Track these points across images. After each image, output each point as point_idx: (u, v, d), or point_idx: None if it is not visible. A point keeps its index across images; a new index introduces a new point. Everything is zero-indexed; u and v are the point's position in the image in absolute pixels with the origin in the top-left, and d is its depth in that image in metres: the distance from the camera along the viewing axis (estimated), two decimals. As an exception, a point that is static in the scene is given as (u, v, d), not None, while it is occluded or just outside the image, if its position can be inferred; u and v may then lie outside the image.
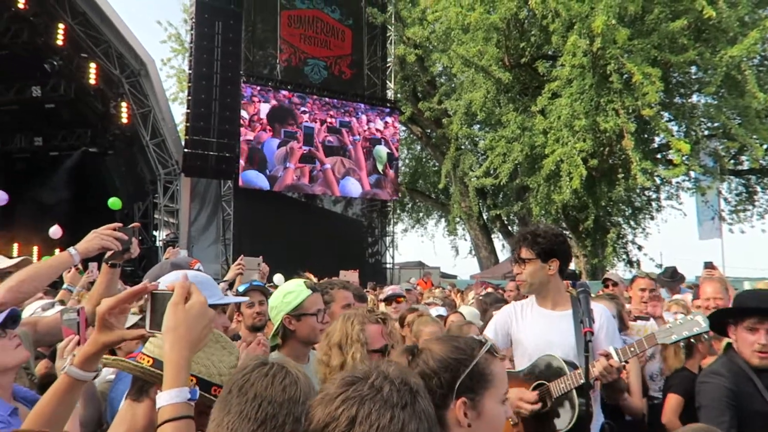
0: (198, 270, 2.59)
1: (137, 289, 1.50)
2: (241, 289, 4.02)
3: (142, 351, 1.58)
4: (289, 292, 2.76)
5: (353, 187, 19.07)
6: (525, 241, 2.98)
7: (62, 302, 3.72)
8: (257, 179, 17.30)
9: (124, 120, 18.38)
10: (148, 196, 19.95)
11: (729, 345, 2.88)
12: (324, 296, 2.96)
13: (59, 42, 17.19)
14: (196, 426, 1.32)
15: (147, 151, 18.27)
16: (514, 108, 17.68)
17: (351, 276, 4.95)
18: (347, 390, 1.13)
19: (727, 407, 2.49)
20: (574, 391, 2.65)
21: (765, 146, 15.83)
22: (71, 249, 2.37)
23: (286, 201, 18.98)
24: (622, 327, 3.99)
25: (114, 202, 16.05)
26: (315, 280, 5.82)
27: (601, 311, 2.98)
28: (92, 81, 17.95)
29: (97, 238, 2.39)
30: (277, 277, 8.19)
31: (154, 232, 20.30)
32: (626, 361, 2.66)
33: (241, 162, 16.97)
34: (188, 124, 16.47)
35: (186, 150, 16.49)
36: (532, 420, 2.72)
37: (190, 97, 16.46)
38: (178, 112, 22.45)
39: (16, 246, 17.66)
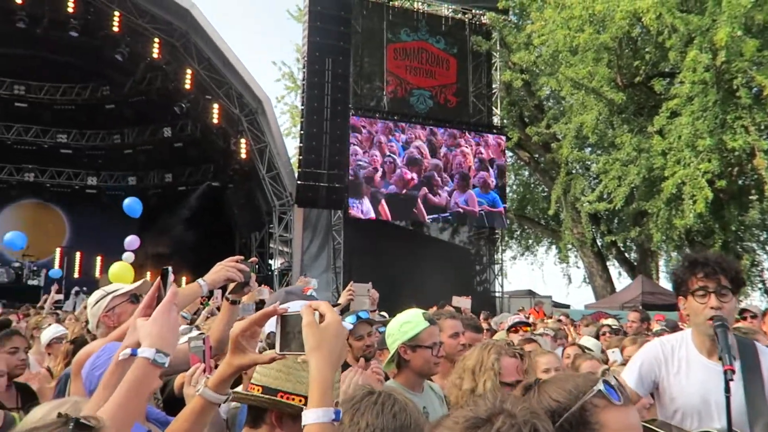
0: (312, 296, 2.68)
1: (268, 311, 1.54)
2: (349, 320, 4.04)
3: (251, 382, 1.64)
4: (407, 322, 2.78)
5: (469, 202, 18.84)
6: (724, 269, 2.42)
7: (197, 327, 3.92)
8: (363, 204, 17.59)
9: (243, 155, 19.60)
10: (264, 227, 21.02)
11: None
12: None
13: (187, 86, 18.76)
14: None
15: (263, 184, 19.30)
16: (629, 129, 16.91)
17: (464, 302, 4.88)
18: None
19: None
20: None
21: None
22: (200, 280, 2.52)
23: (394, 229, 19.24)
24: None
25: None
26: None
27: None
28: (215, 120, 19.38)
29: (223, 270, 2.52)
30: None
31: (270, 261, 21.29)
32: None
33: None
34: (301, 157, 17.25)
35: (299, 182, 17.25)
36: None
37: (302, 132, 17.27)
38: (291, 146, 23.62)
39: (148, 274, 19.18)
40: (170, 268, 1.86)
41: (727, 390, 2.22)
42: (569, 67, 16.79)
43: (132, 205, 13.98)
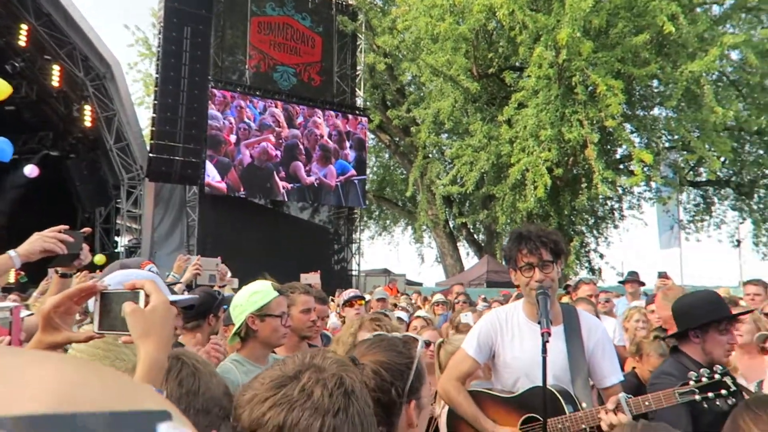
0: (150, 271, 2.54)
1: (85, 286, 1.41)
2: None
3: None
4: (256, 292, 2.75)
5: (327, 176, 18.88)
6: (544, 242, 2.63)
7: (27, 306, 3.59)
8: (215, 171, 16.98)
9: (88, 123, 18.01)
10: (111, 201, 19.55)
11: (675, 347, 2.96)
12: None
13: (22, 43, 16.78)
14: None
15: (111, 156, 17.91)
16: (481, 117, 17.92)
17: (312, 278, 4.92)
18: (276, 394, 1.03)
19: (683, 411, 2.54)
20: None
21: (722, 159, 16.35)
22: (11, 252, 2.24)
23: (252, 207, 18.80)
24: None
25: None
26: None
27: (595, 325, 2.78)
28: (55, 83, 17.56)
29: (40, 240, 2.24)
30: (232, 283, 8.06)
31: (116, 238, 19.89)
32: (636, 417, 2.35)
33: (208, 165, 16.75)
34: (154, 129, 16.21)
35: (151, 155, 16.22)
36: None
37: (156, 102, 16.21)
38: (144, 117, 22.10)
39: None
40: None
41: (544, 351, 2.45)
42: (429, 54, 17.37)
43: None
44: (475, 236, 24.19)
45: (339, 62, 20.30)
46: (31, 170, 12.23)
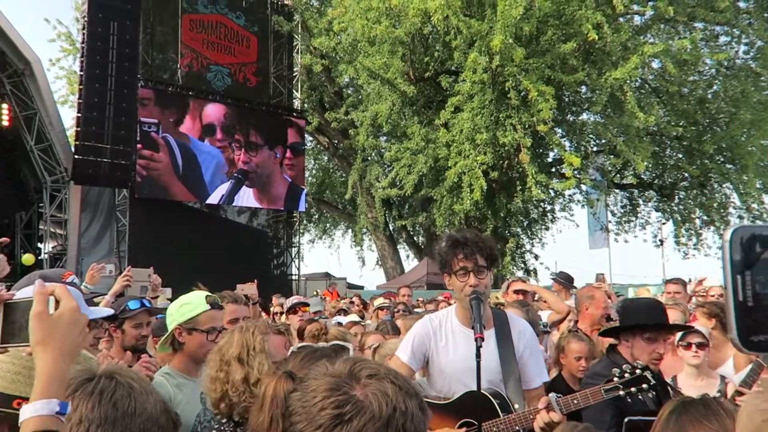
0: (72, 283, 2.40)
1: None
2: (132, 306, 3.75)
3: None
4: (186, 303, 2.67)
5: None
6: (480, 248, 2.66)
7: None
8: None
9: (5, 123, 17.03)
10: (33, 206, 18.54)
11: (611, 346, 3.06)
12: None
13: (-71, 35, 15.68)
14: None
15: (31, 157, 16.97)
16: (418, 121, 18.09)
17: (249, 289, 4.80)
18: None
19: (608, 407, 2.62)
20: None
21: (645, 162, 17.16)
22: None
23: (187, 211, 18.23)
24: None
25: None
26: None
27: (524, 328, 2.83)
28: (-32, 80, 16.51)
29: None
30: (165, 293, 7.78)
31: (39, 244, 18.87)
32: (566, 414, 2.43)
33: (139, 168, 16.13)
34: (79, 129, 15.45)
35: (76, 156, 15.46)
36: None
37: (81, 101, 15.45)
38: (68, 116, 21.08)
39: None
40: None
41: (478, 355, 2.47)
42: (366, 57, 17.38)
43: None
44: (415, 239, 24.40)
45: (275, 63, 20.03)
46: None
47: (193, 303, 2.65)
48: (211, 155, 17.73)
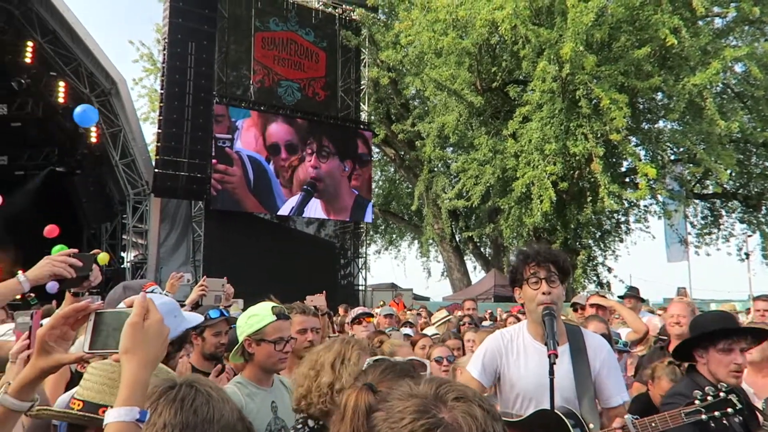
0: (152, 292, 2.51)
1: (79, 306, 1.40)
2: (213, 314, 3.86)
3: (74, 396, 1.50)
4: (254, 315, 2.74)
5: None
6: (553, 259, 2.63)
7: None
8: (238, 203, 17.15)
9: (93, 139, 18.12)
10: (117, 217, 19.60)
11: (691, 367, 2.90)
12: None
13: (27, 60, 16.95)
14: None
15: (116, 171, 17.99)
16: (486, 131, 17.91)
17: (318, 300, 4.87)
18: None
19: (686, 426, 2.49)
20: None
21: (728, 171, 16.26)
22: (20, 276, 2.24)
23: (258, 222, 18.81)
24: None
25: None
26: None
27: (600, 344, 2.73)
28: (61, 100, 17.70)
29: (49, 264, 2.24)
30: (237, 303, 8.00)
31: (122, 254, 19.91)
32: None
33: (214, 181, 16.80)
34: (159, 144, 16.28)
35: (156, 170, 16.27)
36: None
37: (161, 117, 16.30)
38: (149, 132, 22.23)
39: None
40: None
41: (551, 373, 2.42)
42: (433, 69, 17.41)
43: (86, 114, 11.52)
44: (482, 250, 24.10)
45: (343, 77, 20.40)
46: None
47: (260, 314, 2.72)
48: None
